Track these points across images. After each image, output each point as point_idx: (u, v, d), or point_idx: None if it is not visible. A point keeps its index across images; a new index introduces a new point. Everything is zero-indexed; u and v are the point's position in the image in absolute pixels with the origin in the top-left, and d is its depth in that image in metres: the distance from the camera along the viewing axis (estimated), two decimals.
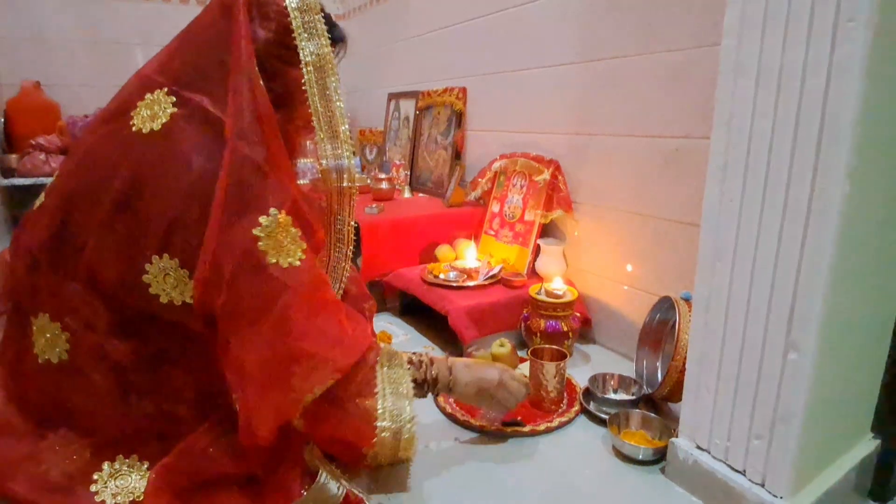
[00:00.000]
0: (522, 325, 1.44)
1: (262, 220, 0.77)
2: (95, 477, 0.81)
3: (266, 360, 0.76)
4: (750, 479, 0.85)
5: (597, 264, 1.53)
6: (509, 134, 1.83)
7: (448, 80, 2.16)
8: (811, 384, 0.77)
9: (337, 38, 0.93)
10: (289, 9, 0.86)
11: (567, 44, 1.54)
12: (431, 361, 0.97)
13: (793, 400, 0.78)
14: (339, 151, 0.92)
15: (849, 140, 0.69)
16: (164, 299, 0.80)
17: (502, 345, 1.33)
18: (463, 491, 0.94)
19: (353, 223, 0.99)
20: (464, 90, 2.05)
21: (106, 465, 0.82)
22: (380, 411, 0.84)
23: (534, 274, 1.61)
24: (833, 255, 0.72)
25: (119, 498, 0.80)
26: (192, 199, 0.78)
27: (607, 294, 1.51)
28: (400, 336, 1.59)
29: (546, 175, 1.57)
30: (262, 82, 0.81)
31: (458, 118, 2.06)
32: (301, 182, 1.00)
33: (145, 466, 0.83)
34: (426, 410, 1.18)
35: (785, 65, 0.73)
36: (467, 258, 1.68)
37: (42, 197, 0.89)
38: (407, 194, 2.17)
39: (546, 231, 1.65)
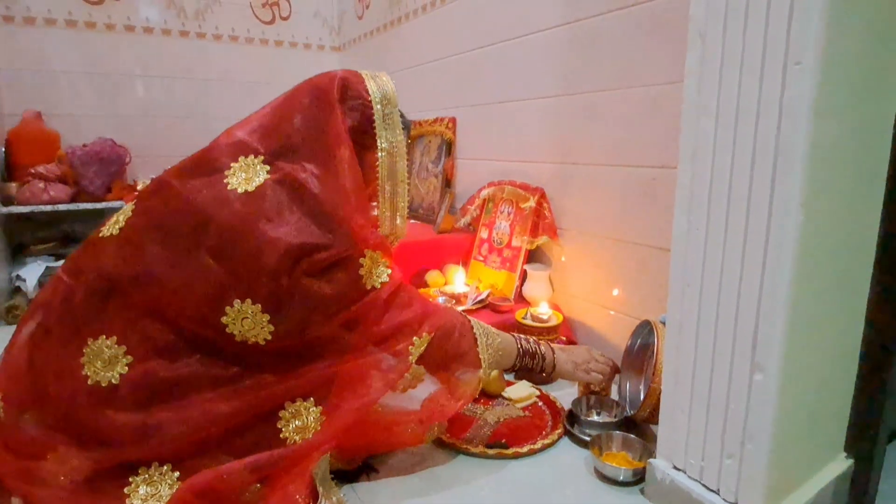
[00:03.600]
0: None
1: (366, 252, 0.98)
2: (130, 480, 0.87)
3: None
4: (724, 499, 0.88)
5: (582, 289, 1.57)
6: (497, 162, 1.89)
7: (439, 110, 2.23)
8: (777, 404, 0.80)
9: (407, 127, 1.09)
10: (373, 102, 1.02)
11: (551, 77, 1.61)
12: (537, 342, 1.19)
13: (760, 419, 0.82)
14: (396, 227, 1.08)
15: (800, 173, 0.74)
16: (238, 338, 0.91)
17: None
18: None
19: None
20: (453, 120, 2.12)
21: (141, 470, 0.88)
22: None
23: (521, 298, 1.65)
24: (791, 279, 0.76)
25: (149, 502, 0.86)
26: (277, 251, 0.89)
27: (592, 318, 1.54)
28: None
29: (532, 202, 1.62)
30: (348, 155, 0.98)
31: (449, 147, 2.12)
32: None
33: (176, 475, 0.89)
34: None
35: (741, 104, 0.79)
36: (456, 283, 1.71)
37: (113, 227, 0.97)
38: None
39: (533, 257, 1.69)
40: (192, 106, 2.81)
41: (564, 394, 1.36)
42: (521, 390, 1.33)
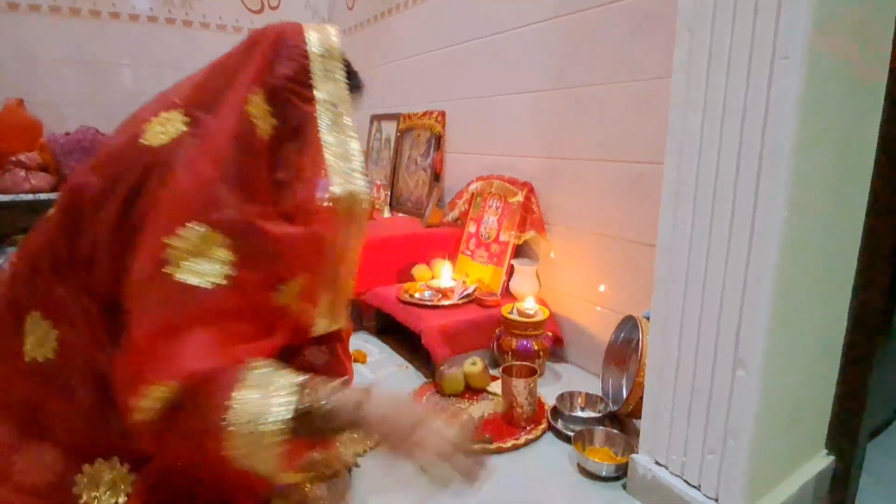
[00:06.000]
0: (495, 343, 1.46)
1: (182, 231, 0.74)
2: (76, 479, 0.82)
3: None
4: (705, 494, 0.88)
5: (568, 284, 1.57)
6: (486, 157, 1.88)
7: (428, 103, 2.21)
8: (759, 400, 0.80)
9: (356, 86, 1.00)
10: (310, 53, 0.92)
11: (540, 71, 1.60)
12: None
13: (742, 416, 0.82)
14: (351, 178, 0.93)
15: (786, 169, 0.73)
16: None
17: (474, 363, 1.36)
18: None
19: (359, 247, 1.02)
20: (443, 113, 2.11)
21: (86, 467, 0.83)
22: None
23: (508, 293, 1.65)
24: (775, 277, 0.76)
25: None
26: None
27: (578, 313, 1.54)
28: (375, 355, 1.60)
29: (520, 197, 1.62)
30: (246, 109, 0.84)
31: (437, 140, 2.11)
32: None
33: (126, 468, 0.84)
34: None
35: (728, 99, 0.78)
36: (443, 278, 1.71)
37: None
38: (387, 214, 2.20)
39: (520, 252, 1.69)
40: None
41: (551, 389, 1.36)
42: None
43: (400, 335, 1.66)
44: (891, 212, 0.90)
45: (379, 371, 1.50)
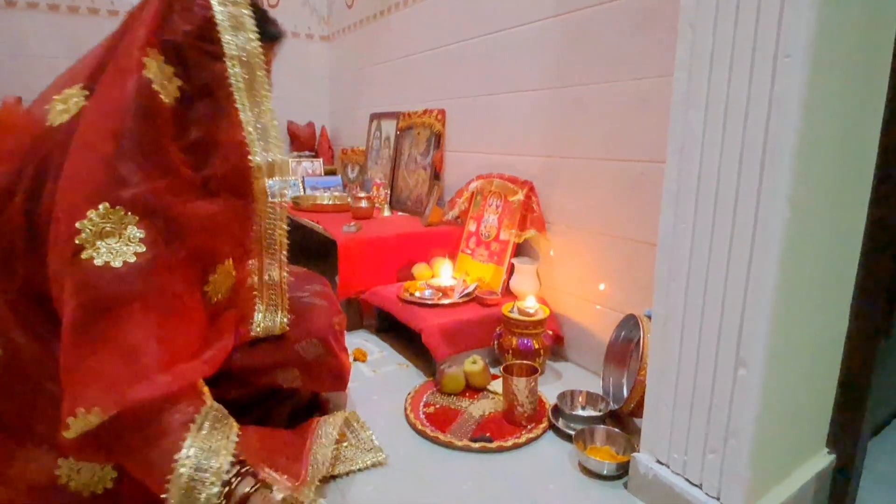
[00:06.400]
0: (495, 342, 1.46)
1: (91, 213, 0.71)
2: (57, 473, 0.80)
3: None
4: (706, 493, 0.88)
5: (569, 283, 1.57)
6: (486, 155, 1.88)
7: (428, 101, 2.20)
8: (760, 399, 0.80)
9: (272, 36, 0.91)
10: (211, 2, 0.83)
11: (541, 70, 1.60)
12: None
13: (743, 414, 0.82)
14: (269, 147, 0.88)
15: (788, 168, 0.73)
16: None
17: (474, 362, 1.35)
18: None
19: (285, 226, 0.97)
20: (443, 112, 2.10)
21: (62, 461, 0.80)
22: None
23: (508, 292, 1.64)
24: (777, 276, 0.76)
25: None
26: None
27: (578, 312, 1.54)
28: (376, 353, 1.60)
29: (520, 196, 1.61)
30: (143, 74, 0.78)
31: (438, 139, 2.10)
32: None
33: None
34: (395, 424, 1.19)
35: (730, 97, 0.78)
36: (443, 276, 1.70)
37: None
38: (387, 213, 2.20)
39: (520, 250, 1.69)
40: None
41: (552, 387, 1.36)
42: None
43: (400, 334, 1.66)
44: (892, 210, 0.90)
45: (379, 370, 1.50)
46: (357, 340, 1.67)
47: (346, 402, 1.11)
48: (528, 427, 1.18)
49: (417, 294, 1.59)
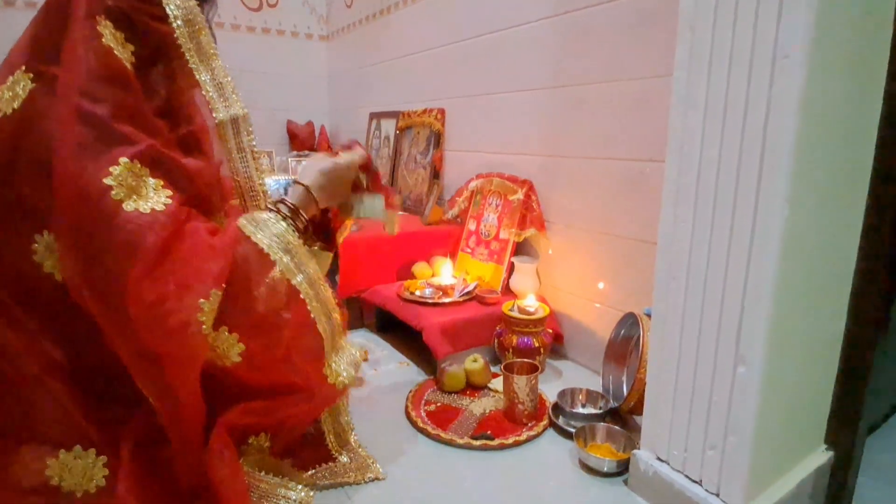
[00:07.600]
0: (496, 341, 1.47)
1: (114, 169, 0.75)
2: (48, 473, 0.80)
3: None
4: (706, 490, 0.89)
5: (569, 281, 1.58)
6: (486, 154, 1.88)
7: (427, 101, 2.21)
8: (759, 396, 0.81)
9: None
10: None
11: (540, 69, 1.60)
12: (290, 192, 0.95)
13: (743, 411, 0.82)
14: (229, 103, 0.92)
15: (787, 167, 0.74)
16: (58, 277, 0.80)
17: (475, 360, 1.36)
18: None
19: (262, 179, 0.98)
20: (442, 111, 2.11)
21: (51, 461, 0.81)
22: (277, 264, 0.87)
23: (508, 291, 1.65)
24: (776, 274, 0.77)
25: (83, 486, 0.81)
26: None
27: (578, 311, 1.55)
28: (376, 352, 1.61)
29: (520, 195, 1.62)
30: (103, 42, 0.79)
31: (437, 138, 2.11)
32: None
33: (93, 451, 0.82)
34: (396, 422, 1.20)
35: (729, 97, 0.79)
36: (443, 275, 1.71)
37: None
38: None
39: (520, 249, 1.69)
40: None
41: (552, 386, 1.36)
42: None
43: (401, 332, 1.66)
44: (890, 209, 0.91)
45: (380, 368, 1.50)
46: (359, 339, 1.68)
47: (347, 401, 1.12)
48: (529, 425, 1.18)
49: (418, 293, 1.60)
